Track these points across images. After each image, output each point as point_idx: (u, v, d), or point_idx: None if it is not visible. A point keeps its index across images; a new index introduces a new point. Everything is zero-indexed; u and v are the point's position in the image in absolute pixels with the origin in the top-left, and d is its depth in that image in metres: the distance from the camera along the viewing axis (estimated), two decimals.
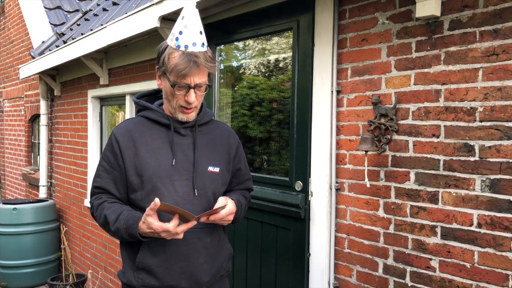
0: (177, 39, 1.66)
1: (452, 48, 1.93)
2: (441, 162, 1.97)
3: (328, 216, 2.42)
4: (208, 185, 1.79)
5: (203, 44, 1.68)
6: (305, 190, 2.52)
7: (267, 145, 2.99)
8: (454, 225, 1.93)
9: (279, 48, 2.88)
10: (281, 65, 2.89)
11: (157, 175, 1.72)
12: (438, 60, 1.98)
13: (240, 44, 3.16)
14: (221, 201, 1.74)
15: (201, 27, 1.70)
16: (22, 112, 7.08)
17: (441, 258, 1.97)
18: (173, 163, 1.74)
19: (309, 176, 2.50)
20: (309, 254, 2.51)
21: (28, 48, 6.53)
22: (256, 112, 3.04)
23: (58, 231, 5.57)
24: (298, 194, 2.55)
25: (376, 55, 2.21)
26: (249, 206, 2.06)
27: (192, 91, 1.68)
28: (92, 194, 1.84)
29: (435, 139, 1.99)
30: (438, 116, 1.98)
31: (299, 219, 2.55)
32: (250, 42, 3.07)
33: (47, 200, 5.70)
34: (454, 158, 1.93)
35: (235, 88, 3.27)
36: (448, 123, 1.95)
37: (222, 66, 3.29)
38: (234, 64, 3.28)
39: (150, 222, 1.59)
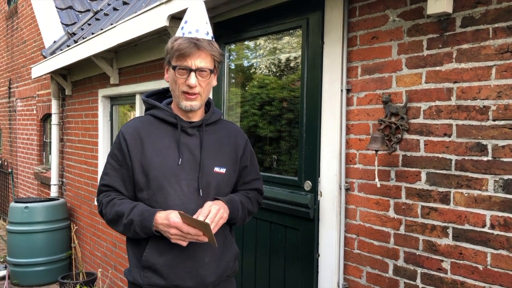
0: (182, 28, 1.71)
1: (465, 46, 1.89)
2: (453, 162, 1.93)
3: (337, 216, 2.39)
4: (214, 185, 1.78)
5: (207, 33, 1.71)
6: (314, 190, 2.50)
7: (277, 145, 2.97)
8: (466, 226, 1.89)
9: (289, 47, 2.86)
10: (291, 64, 2.86)
11: (163, 174, 1.71)
12: (450, 58, 1.94)
13: (250, 43, 3.14)
14: (206, 204, 1.71)
15: (206, 19, 1.73)
16: (34, 112, 7.14)
17: (453, 260, 1.93)
18: (179, 163, 1.73)
19: (319, 176, 2.48)
20: (318, 255, 2.49)
21: (40, 48, 6.59)
22: (266, 111, 3.02)
23: (69, 229, 5.60)
24: (307, 194, 2.52)
25: (387, 53, 2.18)
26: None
27: (193, 74, 1.67)
28: (100, 192, 1.84)
29: (446, 139, 1.96)
30: (450, 115, 1.94)
31: (308, 219, 2.52)
32: (259, 41, 3.05)
33: (58, 199, 5.74)
34: (466, 157, 1.89)
35: (245, 88, 3.25)
36: (460, 122, 1.91)
37: (232, 65, 3.27)
38: (244, 63, 3.26)
39: (172, 215, 1.61)
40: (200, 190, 1.75)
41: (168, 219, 1.62)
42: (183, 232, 1.62)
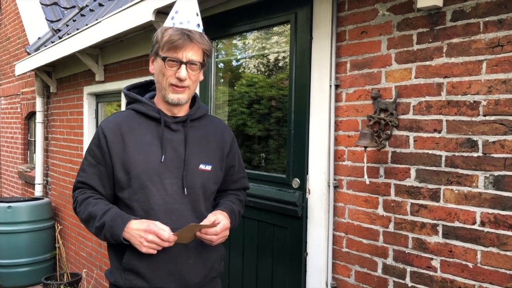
0: (172, 18, 1.63)
1: (455, 40, 1.86)
2: (443, 158, 1.90)
3: (326, 214, 2.35)
4: (199, 183, 1.71)
5: (198, 25, 1.65)
6: (303, 188, 2.45)
7: (265, 143, 2.93)
8: (456, 224, 1.86)
9: (277, 43, 2.81)
10: (279, 60, 2.82)
11: (146, 173, 1.64)
12: (440, 53, 1.90)
13: (238, 39, 3.09)
14: (210, 218, 1.66)
15: (197, 10, 1.67)
16: (19, 110, 7.01)
17: (443, 258, 1.90)
18: (162, 160, 1.66)
19: (307, 173, 2.43)
20: (307, 254, 2.44)
21: (24, 45, 6.46)
22: (254, 110, 2.97)
23: (53, 229, 5.49)
24: (295, 192, 2.48)
25: (376, 48, 2.14)
26: (245, 204, 1.99)
27: (183, 67, 1.60)
28: (75, 188, 1.75)
29: (436, 135, 1.92)
30: (440, 110, 1.91)
31: (296, 217, 2.48)
32: (247, 36, 3.00)
33: (43, 199, 5.63)
34: (457, 154, 1.86)
35: (233, 85, 3.20)
36: (451, 118, 1.87)
37: (220, 62, 3.21)
38: (231, 59, 3.21)
39: (154, 224, 1.57)
40: (185, 189, 1.68)
41: (148, 226, 1.55)
42: (161, 239, 1.55)
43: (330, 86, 2.31)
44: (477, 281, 1.79)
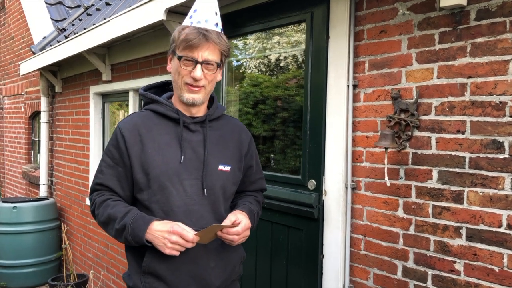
0: (191, 16, 1.61)
1: (479, 39, 1.82)
2: (467, 160, 1.87)
3: (343, 216, 2.32)
4: (218, 184, 1.68)
5: (216, 24, 1.61)
6: (319, 189, 2.42)
7: (271, 144, 2.90)
8: (481, 226, 1.82)
9: (292, 42, 2.78)
10: (292, 60, 2.78)
11: (165, 174, 1.61)
12: (463, 52, 1.87)
13: (251, 39, 3.06)
14: (231, 218, 1.64)
15: (217, 9, 1.64)
16: (22, 109, 6.97)
17: (467, 261, 1.87)
18: (181, 161, 1.63)
19: (323, 175, 2.40)
20: (323, 256, 2.41)
21: (28, 44, 6.42)
22: (260, 110, 2.94)
23: (58, 230, 5.46)
24: (312, 193, 2.44)
25: (396, 47, 2.11)
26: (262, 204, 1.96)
27: (199, 66, 1.57)
28: (93, 190, 1.72)
29: (460, 136, 1.89)
30: (464, 111, 1.87)
31: (312, 219, 2.44)
32: (259, 36, 2.96)
33: (48, 199, 5.59)
34: (481, 155, 1.82)
35: (246, 85, 3.16)
36: (475, 119, 1.84)
37: (234, 62, 3.18)
38: (244, 59, 3.18)
39: (177, 224, 1.54)
40: (205, 190, 1.65)
41: (171, 227, 1.53)
42: (185, 240, 1.52)
43: (348, 86, 2.28)
44: (504, 285, 1.76)
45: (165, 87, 1.83)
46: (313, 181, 2.44)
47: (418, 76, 2.03)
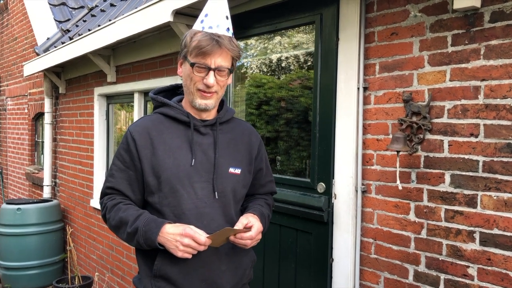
0: (202, 21, 1.60)
1: (494, 42, 1.80)
2: (480, 164, 1.85)
3: (353, 219, 2.30)
4: (229, 187, 1.68)
5: (228, 29, 1.61)
6: (328, 192, 2.40)
7: (275, 145, 2.89)
8: (495, 231, 1.80)
9: (301, 44, 2.76)
10: (301, 62, 2.76)
11: (176, 176, 1.60)
12: (477, 55, 1.85)
13: (260, 40, 3.04)
14: (243, 221, 1.63)
15: (227, 13, 1.63)
16: (26, 111, 6.96)
17: (480, 266, 1.85)
18: (192, 164, 1.62)
19: (333, 178, 2.38)
20: (332, 260, 2.39)
21: (32, 45, 6.41)
22: (264, 110, 2.93)
23: (62, 232, 5.45)
24: (321, 197, 2.42)
25: (407, 49, 2.09)
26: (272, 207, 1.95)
27: (211, 73, 1.57)
28: (104, 194, 1.72)
29: (473, 139, 1.87)
30: (477, 114, 1.86)
31: (321, 223, 2.42)
32: (267, 37, 2.94)
33: (51, 200, 5.58)
34: (495, 159, 1.80)
35: (253, 86, 3.15)
36: (489, 122, 1.82)
37: (244, 63, 3.16)
38: (251, 61, 3.16)
39: (189, 227, 1.53)
40: (216, 193, 1.64)
41: (184, 230, 1.52)
42: (197, 244, 1.52)
43: (358, 88, 2.26)
44: None
45: (175, 91, 1.83)
46: (323, 184, 2.42)
47: (430, 79, 2.01)
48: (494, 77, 1.80)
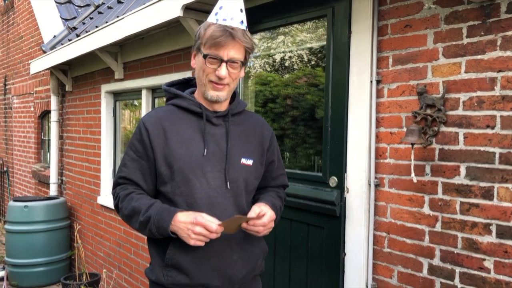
0: (216, 13, 1.60)
1: (511, 32, 1.79)
2: (497, 155, 1.83)
3: (366, 213, 2.29)
4: (241, 178, 1.69)
5: (242, 21, 1.61)
6: (341, 186, 2.39)
7: (282, 141, 2.88)
8: None
9: (312, 37, 2.75)
10: (313, 56, 2.75)
11: (188, 166, 1.61)
12: (493, 46, 1.84)
13: (270, 35, 3.03)
14: (255, 210, 1.63)
15: (242, 6, 1.64)
16: (32, 109, 6.97)
17: (497, 259, 1.84)
18: (205, 154, 1.63)
19: (345, 172, 2.37)
20: (345, 254, 2.38)
21: (38, 44, 6.42)
22: (269, 108, 2.92)
23: (69, 229, 5.46)
24: (333, 191, 2.41)
25: (422, 42, 2.08)
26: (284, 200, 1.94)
27: (224, 65, 1.58)
28: (116, 184, 1.73)
29: (489, 131, 1.86)
30: (494, 106, 1.84)
31: (333, 217, 2.41)
32: (280, 31, 2.93)
33: (58, 198, 5.58)
34: None
35: (263, 80, 3.14)
36: (506, 113, 1.81)
37: (257, 56, 3.15)
38: (263, 55, 3.15)
39: (201, 215, 1.53)
40: (228, 183, 1.65)
41: (195, 218, 1.53)
42: (209, 231, 1.52)
43: (371, 81, 2.25)
44: None
45: (187, 84, 1.84)
46: (335, 178, 2.41)
47: (445, 71, 2.00)
48: (511, 68, 1.79)
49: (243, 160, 1.70)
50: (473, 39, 1.90)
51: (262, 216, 1.61)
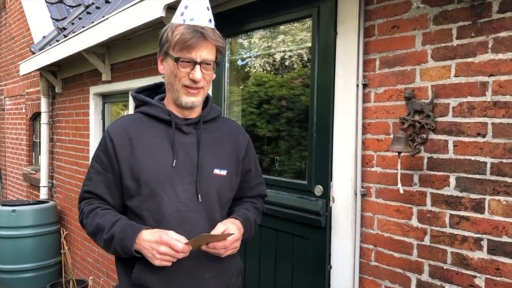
0: (182, 13, 1.50)
1: (503, 34, 1.67)
2: (488, 166, 1.71)
3: (352, 224, 2.17)
4: (214, 190, 1.57)
5: (210, 20, 1.51)
6: (326, 195, 2.27)
7: (276, 145, 2.76)
8: (505, 239, 1.67)
9: (297, 39, 2.63)
10: (297, 58, 2.63)
11: (156, 179, 1.50)
12: (485, 48, 1.72)
13: (254, 36, 2.91)
14: (219, 228, 1.51)
15: (207, 3, 1.53)
16: (23, 110, 6.86)
17: (488, 276, 1.71)
18: (174, 165, 1.52)
19: (331, 180, 2.25)
20: (330, 267, 2.26)
21: (29, 44, 6.31)
22: (264, 110, 2.80)
23: (59, 234, 5.33)
24: (318, 200, 2.29)
25: (410, 43, 1.95)
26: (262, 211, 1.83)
27: (198, 67, 1.47)
28: (81, 199, 1.63)
29: (480, 139, 1.73)
30: (485, 112, 1.72)
31: (319, 228, 2.29)
32: (261, 34, 2.82)
33: (48, 202, 5.47)
34: (505, 161, 1.67)
35: (249, 84, 3.02)
36: (497, 121, 1.68)
37: (239, 61, 3.04)
38: (246, 57, 3.03)
39: (167, 234, 1.43)
40: (199, 196, 1.54)
41: (160, 237, 1.42)
42: (175, 251, 1.41)
43: (357, 85, 2.13)
44: None
45: (158, 89, 1.73)
46: (320, 186, 2.29)
47: (434, 75, 1.87)
48: (503, 72, 1.67)
49: (216, 171, 1.60)
50: (463, 41, 1.78)
51: (229, 234, 1.49)
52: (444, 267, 1.85)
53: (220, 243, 1.47)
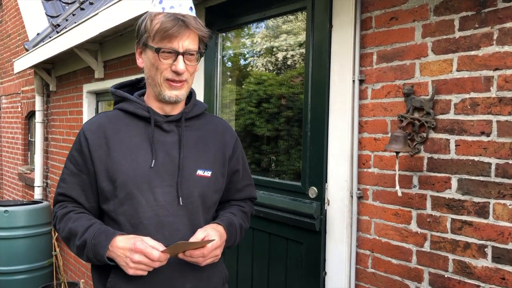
0: (160, 1, 1.38)
1: (509, 24, 1.54)
2: (493, 167, 1.59)
3: (348, 228, 2.05)
4: (196, 192, 1.45)
5: (191, 8, 1.40)
6: (321, 198, 2.15)
7: (275, 144, 2.63)
8: (511, 246, 1.54)
9: (292, 32, 2.51)
10: (293, 53, 2.51)
11: (133, 180, 1.39)
12: (489, 40, 1.59)
13: (247, 30, 2.80)
14: (199, 234, 1.39)
15: None
16: (19, 109, 6.76)
17: (493, 286, 1.59)
18: (152, 165, 1.40)
19: (326, 182, 2.13)
20: (325, 273, 2.14)
21: (24, 42, 6.21)
22: (263, 108, 2.68)
23: (52, 235, 5.24)
24: (312, 202, 2.17)
25: (409, 36, 1.83)
26: (255, 214, 1.71)
27: (180, 58, 1.36)
28: (56, 202, 1.51)
29: (484, 138, 1.61)
30: (489, 109, 1.59)
31: (313, 232, 2.17)
32: (257, 27, 2.70)
33: (42, 202, 5.36)
34: (511, 162, 1.54)
35: (241, 82, 2.90)
36: (503, 118, 1.56)
37: (229, 55, 2.92)
38: (240, 53, 2.91)
39: (141, 241, 1.31)
40: (180, 199, 1.42)
41: (134, 244, 1.30)
42: (150, 260, 1.29)
43: (353, 81, 2.01)
44: None
45: (137, 85, 1.62)
46: (314, 188, 2.17)
47: (434, 69, 1.75)
48: (509, 65, 1.54)
49: (200, 172, 1.47)
50: (466, 33, 1.65)
51: (209, 241, 1.37)
52: (445, 276, 1.72)
53: (197, 251, 1.35)
